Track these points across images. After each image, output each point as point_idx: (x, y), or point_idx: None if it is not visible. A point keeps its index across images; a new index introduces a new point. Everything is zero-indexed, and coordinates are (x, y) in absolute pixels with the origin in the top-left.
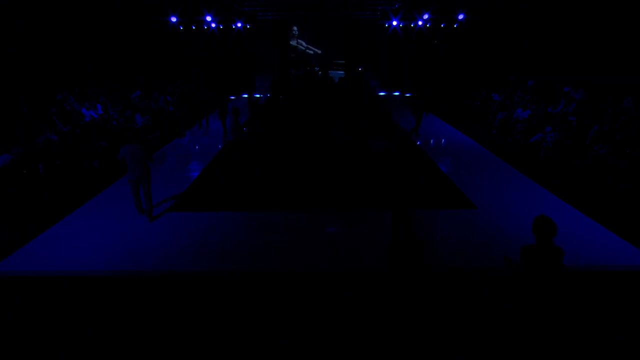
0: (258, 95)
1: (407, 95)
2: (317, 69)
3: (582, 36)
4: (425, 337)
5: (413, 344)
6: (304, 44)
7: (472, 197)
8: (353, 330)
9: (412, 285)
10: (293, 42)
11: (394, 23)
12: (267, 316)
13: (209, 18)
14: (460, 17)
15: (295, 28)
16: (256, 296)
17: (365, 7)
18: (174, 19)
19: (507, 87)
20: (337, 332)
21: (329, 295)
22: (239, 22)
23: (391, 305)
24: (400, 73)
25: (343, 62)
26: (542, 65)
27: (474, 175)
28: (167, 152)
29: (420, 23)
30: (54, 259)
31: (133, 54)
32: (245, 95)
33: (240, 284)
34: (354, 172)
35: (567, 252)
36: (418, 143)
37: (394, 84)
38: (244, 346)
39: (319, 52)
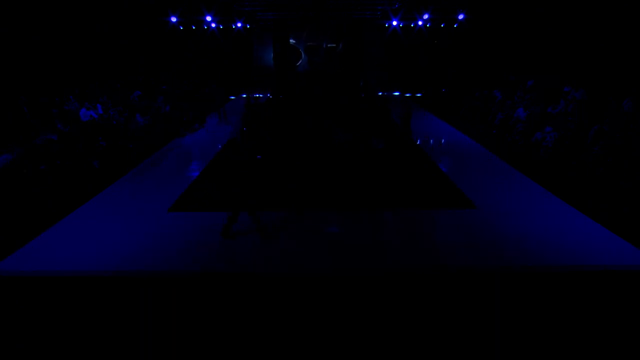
0: (258, 95)
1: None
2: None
3: (583, 36)
4: (425, 338)
5: (413, 344)
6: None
7: (471, 197)
8: (353, 331)
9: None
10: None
11: (394, 23)
12: (267, 316)
13: (209, 18)
14: (460, 17)
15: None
16: (256, 296)
17: (365, 7)
18: (174, 19)
19: (507, 87)
20: (338, 332)
21: (329, 296)
22: (239, 22)
23: (391, 305)
24: (400, 73)
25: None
26: (542, 65)
27: (473, 175)
28: (167, 152)
29: (420, 23)
30: (54, 259)
31: (133, 54)
32: (245, 96)
33: (240, 284)
34: (354, 172)
35: (568, 252)
36: (418, 142)
37: (394, 84)
38: (244, 346)
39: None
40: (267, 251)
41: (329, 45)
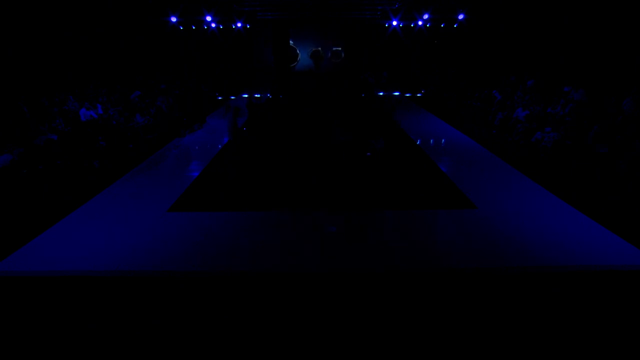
0: (258, 95)
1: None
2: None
3: (582, 36)
4: (425, 338)
5: (413, 344)
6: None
7: (472, 197)
8: (353, 331)
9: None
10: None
11: (394, 23)
12: (267, 316)
13: (209, 18)
14: (460, 17)
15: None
16: (255, 297)
17: (365, 7)
18: (174, 19)
19: (507, 87)
20: (337, 332)
21: (329, 296)
22: (239, 22)
23: (390, 305)
24: (400, 73)
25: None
26: (542, 65)
27: (474, 175)
28: (167, 152)
29: (420, 23)
30: (54, 259)
31: (133, 54)
32: (246, 96)
33: (240, 284)
34: (354, 171)
35: (568, 252)
36: (418, 142)
37: (394, 84)
38: (244, 346)
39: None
40: (266, 251)
41: (334, 49)
